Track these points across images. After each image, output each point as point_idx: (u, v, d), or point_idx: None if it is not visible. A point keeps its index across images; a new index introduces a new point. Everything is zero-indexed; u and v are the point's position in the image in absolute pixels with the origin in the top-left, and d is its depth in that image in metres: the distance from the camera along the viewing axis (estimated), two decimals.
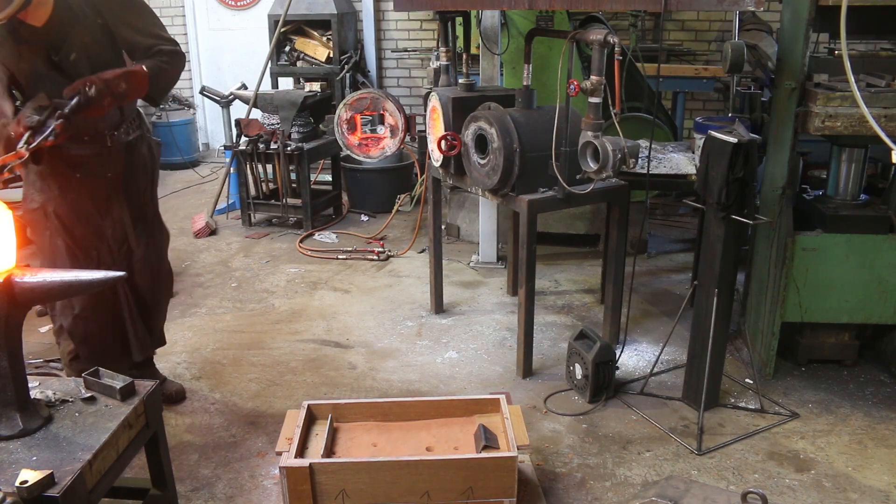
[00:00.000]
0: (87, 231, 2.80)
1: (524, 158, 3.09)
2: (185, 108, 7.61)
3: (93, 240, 2.82)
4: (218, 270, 4.78)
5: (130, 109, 2.86)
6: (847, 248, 3.06)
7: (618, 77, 2.79)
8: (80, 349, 2.89)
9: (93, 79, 2.47)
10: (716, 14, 6.63)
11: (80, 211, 2.77)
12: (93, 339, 2.89)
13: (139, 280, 2.97)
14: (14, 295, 1.94)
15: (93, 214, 2.81)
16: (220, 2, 7.69)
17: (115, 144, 2.77)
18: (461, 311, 4.10)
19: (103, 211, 2.83)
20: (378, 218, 5.80)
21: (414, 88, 7.42)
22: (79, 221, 2.78)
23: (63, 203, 2.74)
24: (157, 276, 3.05)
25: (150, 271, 3.01)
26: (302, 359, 3.60)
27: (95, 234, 2.83)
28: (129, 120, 2.84)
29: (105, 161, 2.77)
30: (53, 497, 1.73)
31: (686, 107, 6.36)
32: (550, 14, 4.46)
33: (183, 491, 2.60)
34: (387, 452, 2.49)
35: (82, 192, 2.76)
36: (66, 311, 2.85)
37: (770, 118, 3.48)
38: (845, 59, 2.49)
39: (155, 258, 3.03)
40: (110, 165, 2.79)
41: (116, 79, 2.52)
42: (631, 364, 3.49)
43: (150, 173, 2.99)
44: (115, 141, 2.76)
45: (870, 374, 3.35)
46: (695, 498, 2.07)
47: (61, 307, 2.87)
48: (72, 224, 2.77)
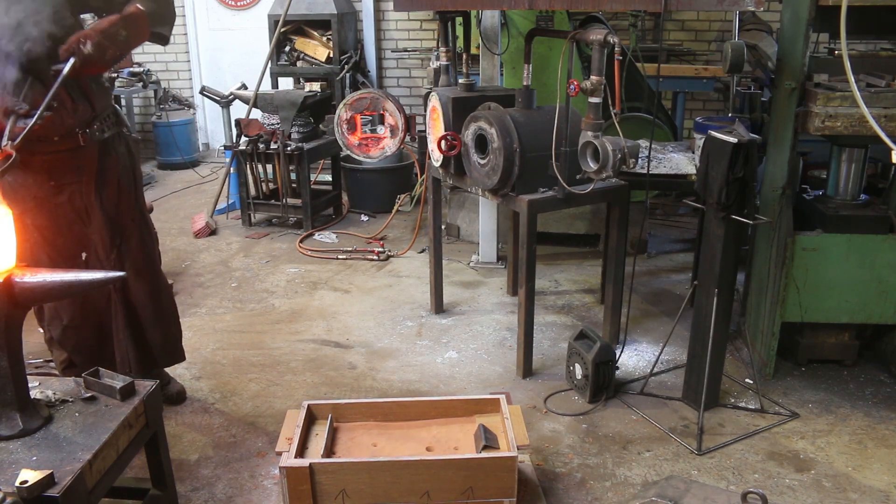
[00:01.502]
0: (70, 241, 2.66)
1: (524, 158, 3.09)
2: (185, 108, 7.61)
3: (77, 249, 2.68)
4: (218, 270, 4.78)
5: (103, 105, 2.64)
6: (847, 248, 3.06)
7: (618, 77, 2.79)
8: (75, 357, 2.79)
9: (87, 33, 2.24)
10: (716, 14, 6.63)
11: (61, 220, 2.61)
12: (86, 348, 2.80)
13: (133, 289, 2.80)
14: (14, 295, 1.94)
15: (74, 222, 2.64)
16: (220, 2, 7.69)
17: (88, 143, 2.57)
18: (461, 311, 4.11)
19: (85, 217, 2.66)
20: (378, 218, 5.80)
21: (414, 88, 7.42)
22: (59, 232, 2.62)
23: (41, 213, 2.57)
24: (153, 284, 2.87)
25: (146, 279, 2.83)
26: (302, 359, 3.60)
27: (79, 243, 2.68)
28: (103, 117, 2.63)
29: (80, 162, 2.59)
30: (53, 497, 1.73)
31: (686, 107, 6.36)
32: (550, 14, 4.46)
33: (183, 491, 2.60)
34: (387, 452, 2.49)
35: (60, 199, 2.59)
36: (55, 323, 2.75)
37: (770, 118, 3.48)
38: (845, 59, 2.49)
39: (148, 265, 2.85)
40: (86, 167, 2.61)
41: (113, 27, 2.27)
42: (631, 364, 3.49)
43: (131, 173, 2.79)
44: (87, 139, 2.56)
45: (870, 374, 3.35)
46: (695, 498, 2.07)
47: (49, 318, 2.75)
48: (53, 235, 2.62)
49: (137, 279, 2.80)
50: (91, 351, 2.82)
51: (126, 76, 7.24)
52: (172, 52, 7.90)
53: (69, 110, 2.47)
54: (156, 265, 2.94)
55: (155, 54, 7.88)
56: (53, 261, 2.63)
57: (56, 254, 2.64)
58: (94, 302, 2.78)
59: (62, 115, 2.44)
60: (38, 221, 2.59)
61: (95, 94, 2.57)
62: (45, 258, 2.63)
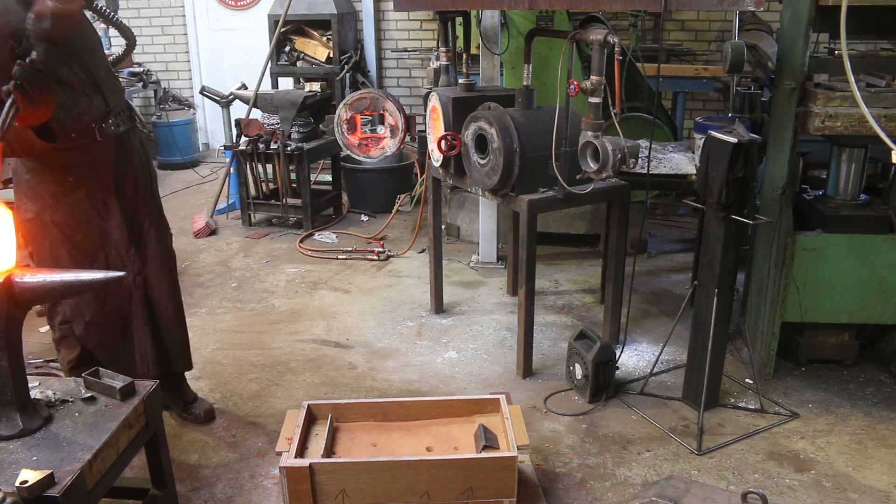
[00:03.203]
0: (90, 236, 2.64)
1: (524, 158, 3.09)
2: (185, 108, 7.61)
3: (97, 245, 2.67)
4: (218, 270, 4.78)
5: (117, 100, 2.62)
6: (847, 248, 3.06)
7: (618, 77, 2.79)
8: (98, 355, 2.75)
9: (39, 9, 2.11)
10: (716, 14, 6.63)
11: (80, 216, 2.61)
12: (110, 346, 2.77)
13: (154, 284, 2.77)
14: (14, 295, 1.94)
15: (93, 217, 2.64)
16: (220, 2, 7.69)
17: (105, 137, 2.56)
18: (461, 311, 4.10)
19: (104, 212, 2.65)
20: (378, 218, 5.80)
21: (414, 88, 7.42)
22: (79, 227, 2.61)
23: (60, 209, 2.57)
24: (172, 279, 2.84)
25: (166, 273, 2.81)
26: (302, 359, 3.60)
27: (99, 238, 2.67)
28: (118, 111, 2.62)
29: (97, 157, 2.58)
30: (53, 497, 1.73)
31: (686, 107, 6.36)
32: (550, 14, 4.46)
33: (183, 491, 2.60)
34: (387, 452, 2.49)
35: (78, 195, 2.58)
36: (77, 320, 2.73)
37: (770, 118, 3.48)
38: (845, 59, 2.49)
39: (167, 260, 2.83)
40: (103, 161, 2.60)
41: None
42: (631, 364, 3.49)
43: (146, 167, 2.79)
44: (104, 133, 2.55)
45: (870, 374, 3.35)
46: (695, 498, 2.07)
47: (71, 315, 2.73)
48: (72, 231, 2.61)
49: (158, 273, 2.79)
50: (113, 348, 2.79)
51: (126, 76, 7.24)
52: (172, 52, 7.91)
53: (85, 106, 2.46)
54: (173, 261, 2.92)
55: (155, 54, 7.88)
56: (73, 257, 2.63)
57: (76, 250, 2.64)
58: (117, 298, 2.75)
59: (79, 111, 2.42)
60: (57, 218, 2.59)
61: (108, 88, 2.56)
62: (66, 255, 2.62)
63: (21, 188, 2.60)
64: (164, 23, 7.81)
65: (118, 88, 2.67)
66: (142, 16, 7.77)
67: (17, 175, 2.60)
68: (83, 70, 2.43)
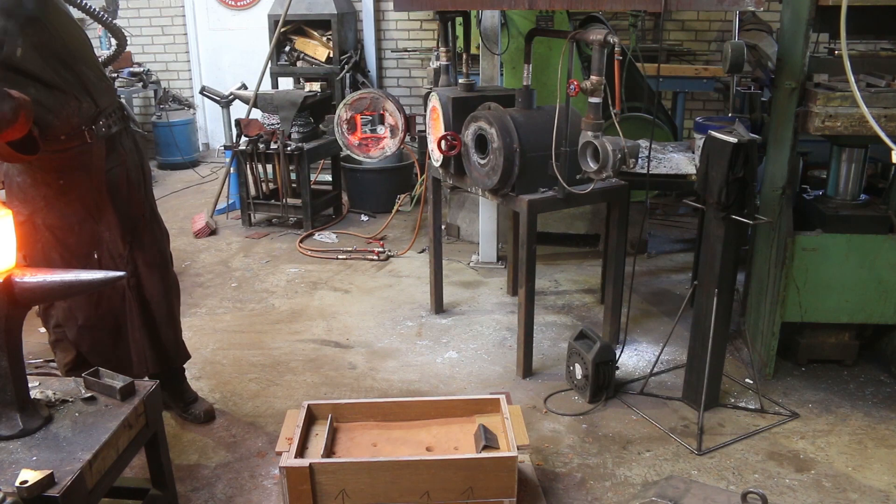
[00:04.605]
0: (82, 239, 2.63)
1: (524, 158, 3.09)
2: (185, 108, 7.60)
3: (89, 247, 2.65)
4: (218, 270, 4.78)
5: (107, 101, 2.60)
6: (847, 248, 3.06)
7: (618, 77, 2.79)
8: (92, 359, 2.75)
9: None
10: (716, 14, 6.63)
11: (72, 218, 2.59)
12: (102, 348, 2.77)
13: (147, 285, 2.77)
14: (14, 295, 1.94)
15: (86, 220, 2.62)
16: (220, 2, 7.69)
17: (95, 140, 2.53)
18: (461, 311, 4.10)
19: (96, 214, 2.63)
20: (378, 218, 5.80)
21: (414, 88, 7.42)
22: (71, 230, 2.60)
23: (51, 213, 2.55)
24: (166, 281, 2.84)
25: (159, 275, 2.80)
26: (302, 359, 3.60)
27: (91, 241, 2.65)
28: (108, 113, 2.59)
29: (88, 159, 2.54)
30: (53, 497, 1.73)
31: (686, 107, 6.36)
32: (550, 14, 4.46)
33: (183, 491, 2.60)
34: (387, 452, 2.49)
35: (70, 197, 2.56)
36: (70, 323, 2.72)
37: (770, 118, 3.48)
38: (845, 59, 2.49)
39: (161, 261, 2.83)
40: (95, 163, 2.57)
41: None
42: (631, 364, 3.49)
43: (140, 168, 2.76)
44: (94, 135, 2.52)
45: (870, 374, 3.35)
46: (695, 498, 2.07)
47: (64, 319, 2.73)
48: (64, 234, 2.59)
49: (151, 275, 2.78)
50: (107, 351, 2.79)
51: (126, 76, 7.24)
52: (172, 52, 7.91)
53: (73, 109, 2.44)
54: (168, 261, 2.92)
55: (155, 54, 7.88)
56: (66, 260, 2.61)
57: (68, 253, 2.62)
58: (110, 301, 2.74)
59: (67, 113, 2.41)
60: (49, 221, 2.57)
61: (98, 90, 2.54)
62: (58, 258, 2.61)
63: (12, 191, 2.58)
64: (164, 23, 7.81)
65: (109, 89, 2.65)
66: (142, 16, 7.77)
67: (8, 177, 2.58)
68: (69, 72, 2.41)
